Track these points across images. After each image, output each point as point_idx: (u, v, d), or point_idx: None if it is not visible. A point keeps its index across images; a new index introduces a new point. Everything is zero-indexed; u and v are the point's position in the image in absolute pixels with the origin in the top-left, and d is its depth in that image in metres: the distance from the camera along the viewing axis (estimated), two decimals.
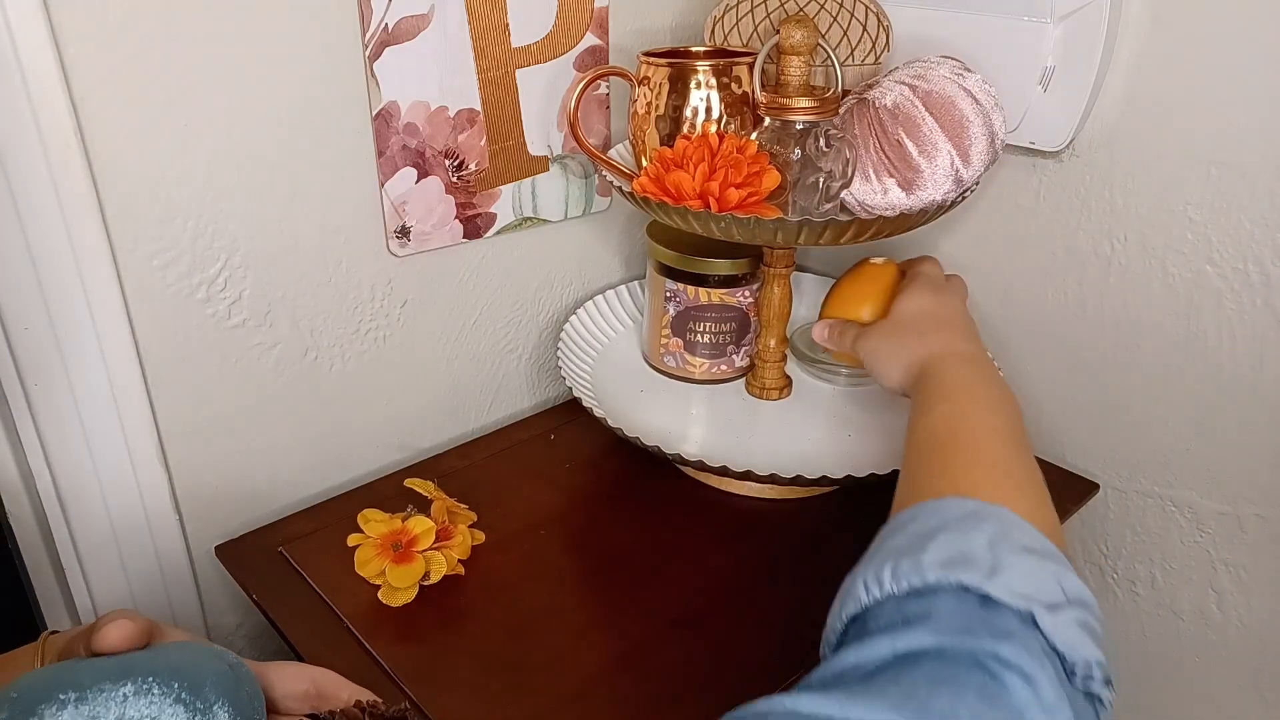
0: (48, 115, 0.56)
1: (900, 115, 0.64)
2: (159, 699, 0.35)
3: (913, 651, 0.40)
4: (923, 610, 0.42)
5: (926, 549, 0.44)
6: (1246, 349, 0.71)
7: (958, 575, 0.42)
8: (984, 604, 0.42)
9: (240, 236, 0.68)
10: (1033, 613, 0.41)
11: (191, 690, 0.36)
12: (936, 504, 0.49)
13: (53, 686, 0.34)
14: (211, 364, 0.70)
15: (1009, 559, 0.43)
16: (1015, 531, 0.46)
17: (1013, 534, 0.45)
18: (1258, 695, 0.80)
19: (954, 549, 0.44)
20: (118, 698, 0.34)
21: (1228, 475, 0.75)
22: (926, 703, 0.37)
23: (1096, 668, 0.42)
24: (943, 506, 0.48)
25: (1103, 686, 0.42)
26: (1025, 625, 0.41)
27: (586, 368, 0.87)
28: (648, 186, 0.67)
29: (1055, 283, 0.81)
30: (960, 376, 0.60)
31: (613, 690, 0.61)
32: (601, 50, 0.82)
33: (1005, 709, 0.38)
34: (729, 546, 0.74)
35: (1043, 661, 0.40)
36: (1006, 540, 0.45)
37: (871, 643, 0.41)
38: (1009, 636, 0.40)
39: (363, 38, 0.68)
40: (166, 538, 0.72)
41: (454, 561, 0.68)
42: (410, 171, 0.75)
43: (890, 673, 0.40)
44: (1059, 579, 0.44)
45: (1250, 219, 0.68)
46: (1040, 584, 0.43)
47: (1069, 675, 0.41)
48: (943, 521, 0.47)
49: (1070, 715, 0.39)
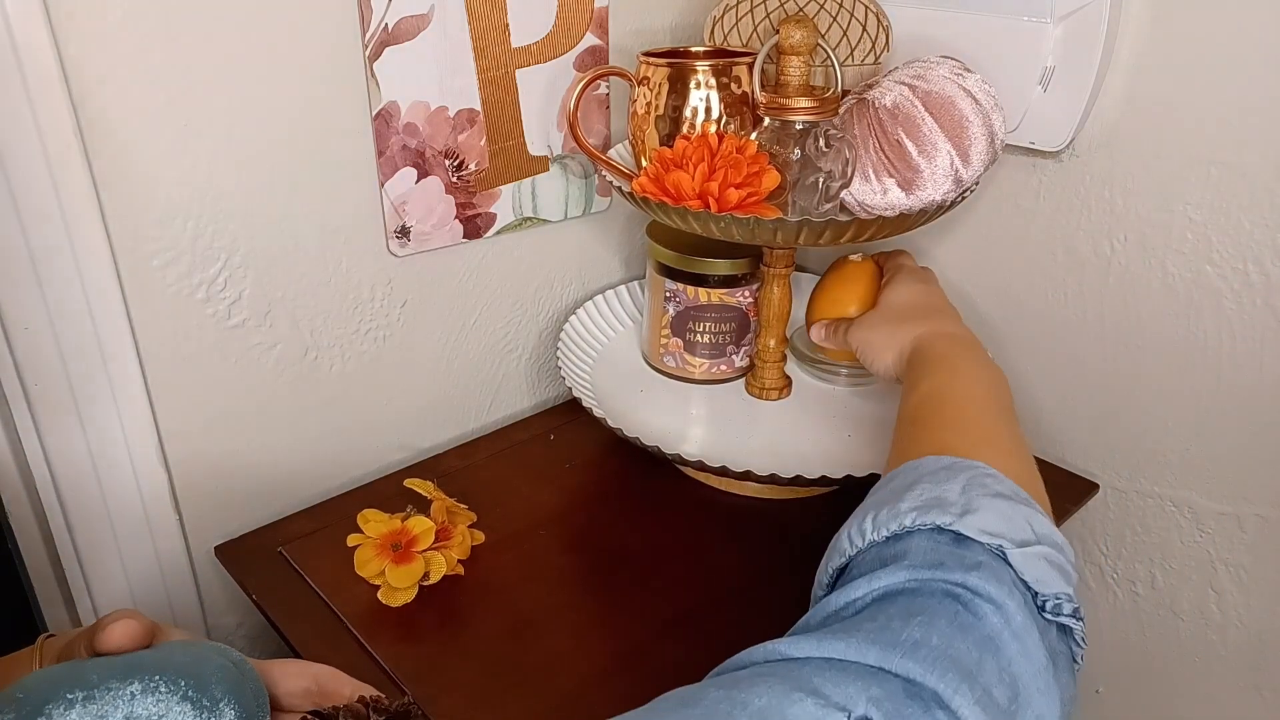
0: (48, 115, 0.56)
1: (900, 115, 0.64)
2: (166, 697, 0.35)
3: (889, 590, 0.43)
4: (899, 551, 0.45)
5: (904, 498, 0.47)
6: (1246, 349, 0.71)
7: (931, 518, 0.45)
8: (956, 541, 0.44)
9: (240, 236, 0.68)
10: (1002, 548, 0.43)
11: (198, 688, 0.36)
12: (916, 462, 0.51)
13: (60, 685, 0.34)
14: (211, 364, 0.70)
15: (980, 502, 0.46)
16: (988, 480, 0.48)
17: (985, 482, 0.48)
18: (1258, 695, 0.80)
19: (929, 496, 0.47)
20: (125, 696, 0.34)
21: (1228, 475, 0.75)
22: (900, 634, 0.39)
23: (1065, 601, 0.43)
24: (922, 463, 0.51)
25: (1071, 618, 0.44)
26: (995, 559, 0.43)
27: (586, 368, 0.87)
28: (647, 186, 0.67)
29: (1055, 283, 0.81)
30: (946, 353, 0.63)
31: (612, 690, 0.61)
32: (601, 50, 0.82)
33: (976, 634, 0.40)
34: (729, 546, 0.74)
35: (1011, 591, 0.42)
36: (979, 486, 0.47)
37: (852, 586, 0.43)
38: (978, 567, 0.42)
39: (363, 38, 0.68)
40: (166, 538, 0.72)
41: (454, 562, 0.68)
42: (410, 171, 0.75)
43: (868, 611, 0.42)
44: (1029, 520, 0.46)
45: (1250, 219, 0.68)
46: (1011, 524, 0.45)
47: (1040, 610, 0.43)
48: (920, 475, 0.49)
49: (1038, 639, 0.41)
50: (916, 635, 0.39)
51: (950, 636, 0.39)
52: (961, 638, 0.39)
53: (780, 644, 0.41)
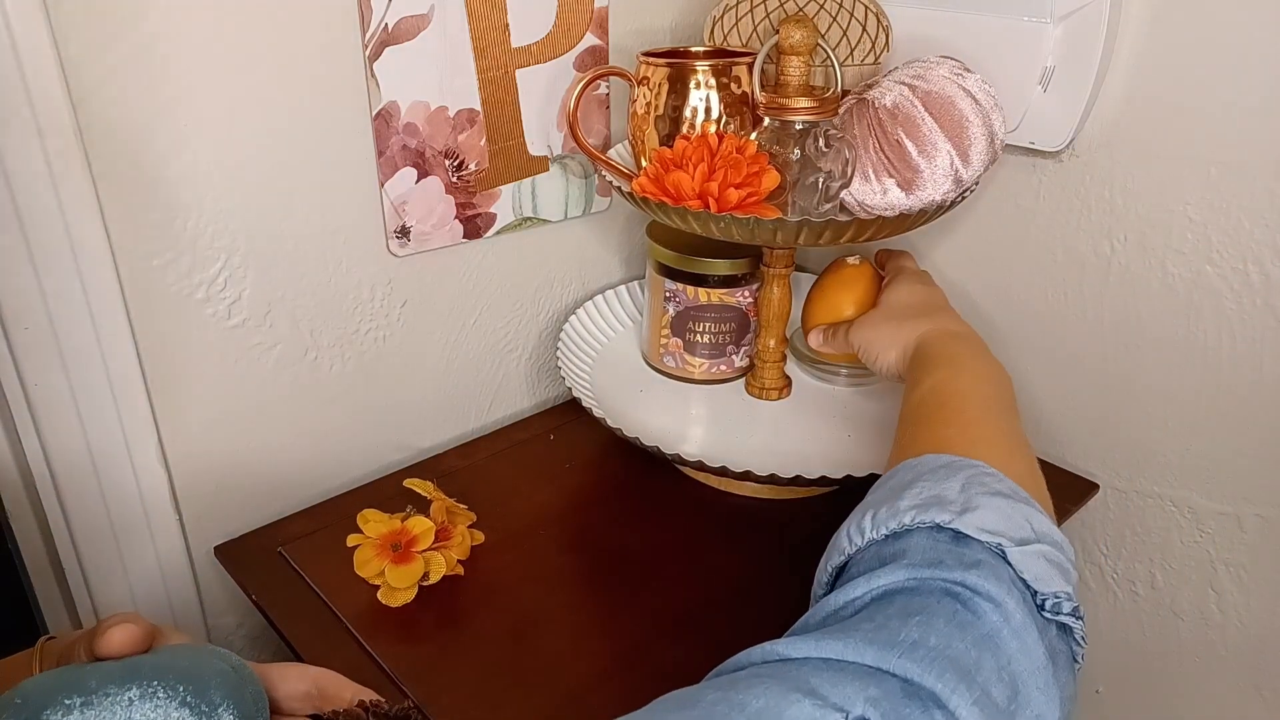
0: (47, 115, 0.56)
1: (900, 115, 0.64)
2: (164, 702, 0.35)
3: (888, 589, 0.43)
4: (898, 550, 0.44)
5: (903, 496, 0.47)
6: (1246, 349, 0.71)
7: (930, 516, 0.45)
8: (955, 539, 0.44)
9: (240, 236, 0.68)
10: (1001, 546, 0.43)
11: (196, 693, 0.36)
12: (916, 460, 0.51)
13: (58, 691, 0.34)
14: (211, 364, 0.70)
15: (980, 500, 0.45)
16: (988, 478, 0.48)
17: (985, 480, 0.48)
18: (1258, 695, 0.80)
19: (928, 494, 0.47)
20: (123, 701, 0.34)
21: (1228, 475, 0.75)
22: (898, 633, 0.39)
23: (1065, 600, 0.43)
24: (921, 461, 0.51)
25: (1071, 617, 0.43)
26: (994, 557, 0.43)
27: (586, 368, 0.87)
28: (647, 187, 0.67)
29: (1055, 283, 0.81)
30: (949, 350, 0.63)
31: (612, 690, 0.61)
32: (601, 50, 0.82)
33: (975, 632, 0.40)
34: (729, 546, 0.74)
35: (1010, 589, 0.42)
36: (978, 484, 0.47)
37: (851, 586, 0.43)
38: (977, 565, 0.42)
39: (363, 38, 0.68)
40: (166, 538, 0.72)
41: (453, 562, 0.68)
42: (410, 171, 0.75)
43: (867, 611, 0.42)
44: (1028, 518, 0.46)
45: (1250, 219, 0.68)
46: (1010, 522, 0.45)
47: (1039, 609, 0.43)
48: (919, 473, 0.49)
49: (1037, 637, 0.41)
50: (914, 635, 0.39)
51: (948, 635, 0.39)
52: (960, 636, 0.39)
53: (778, 644, 0.41)
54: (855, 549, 0.47)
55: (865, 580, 0.43)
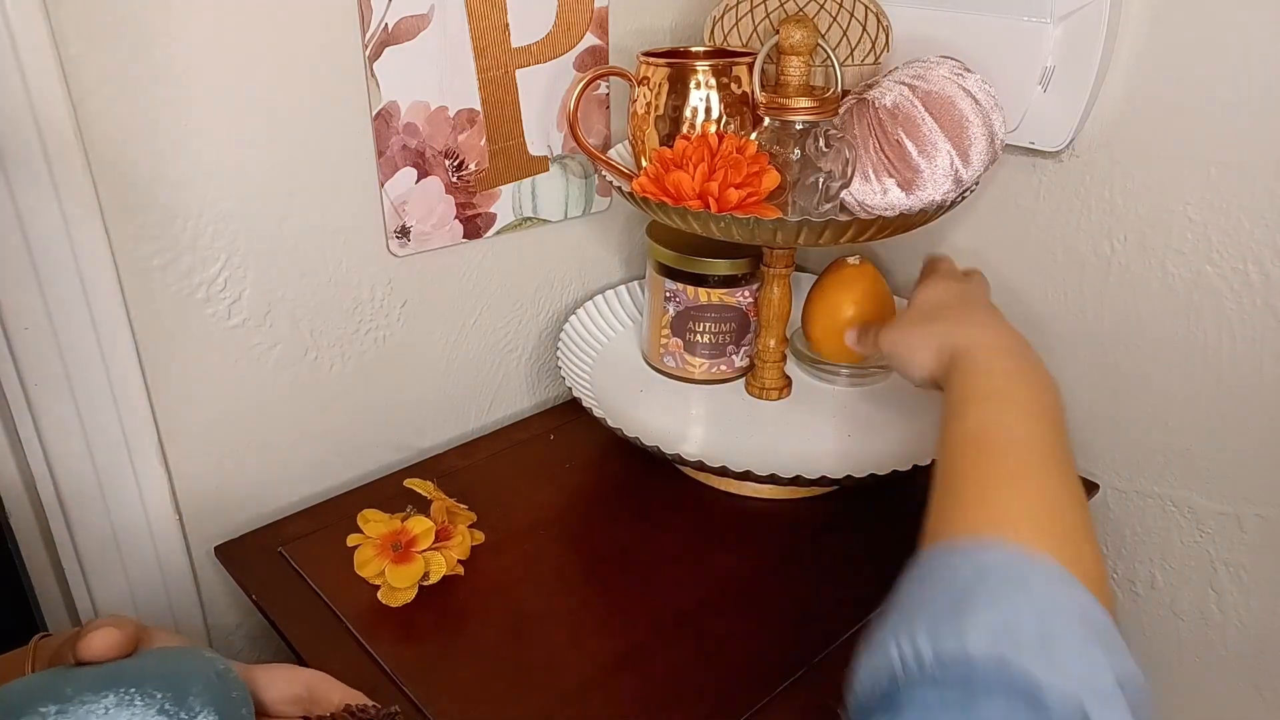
0: (48, 115, 0.56)
1: (900, 115, 0.64)
2: (141, 710, 0.34)
3: None
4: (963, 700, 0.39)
5: (964, 614, 0.41)
6: (1246, 349, 0.71)
7: (1000, 649, 0.39)
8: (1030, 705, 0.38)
9: (240, 236, 0.68)
10: (1084, 709, 0.38)
11: (175, 700, 0.35)
12: (976, 551, 0.45)
13: (34, 698, 0.34)
14: (211, 364, 0.70)
15: (1061, 645, 0.40)
16: (1061, 595, 0.43)
17: (1059, 599, 0.43)
18: (1258, 695, 0.79)
19: (997, 619, 0.41)
20: (99, 710, 0.34)
21: (1228, 475, 0.75)
22: None
23: None
24: (982, 555, 0.45)
25: None
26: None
27: (586, 368, 0.87)
28: (647, 187, 0.67)
29: (1055, 283, 0.81)
30: (996, 372, 0.57)
31: (613, 690, 0.61)
32: (601, 50, 0.82)
33: None
34: (728, 546, 0.74)
35: None
36: (1057, 613, 0.42)
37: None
38: None
39: (363, 38, 0.68)
40: (166, 538, 0.72)
41: (453, 562, 0.68)
42: (410, 171, 0.75)
43: None
44: (1109, 656, 0.41)
45: (1250, 219, 0.68)
46: (1092, 667, 0.40)
47: None
48: (981, 575, 0.43)
49: None
50: None
51: None
52: None
53: None
54: (906, 665, 0.41)
55: None
